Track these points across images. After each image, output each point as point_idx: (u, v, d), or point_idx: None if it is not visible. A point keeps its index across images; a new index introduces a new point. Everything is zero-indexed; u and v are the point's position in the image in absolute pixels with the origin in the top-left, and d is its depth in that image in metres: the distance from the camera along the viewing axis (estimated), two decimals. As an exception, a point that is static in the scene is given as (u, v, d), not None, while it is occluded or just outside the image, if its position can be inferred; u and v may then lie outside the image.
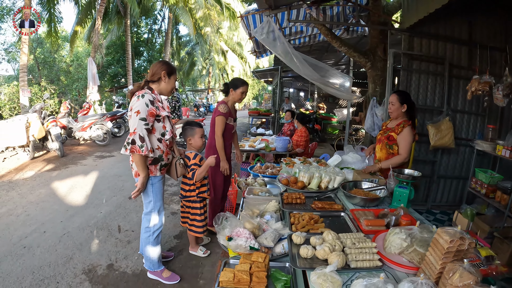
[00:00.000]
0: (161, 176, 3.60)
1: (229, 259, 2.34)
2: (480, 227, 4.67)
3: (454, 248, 1.69)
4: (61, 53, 29.08)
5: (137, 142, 3.16)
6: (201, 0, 24.54)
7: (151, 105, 3.28)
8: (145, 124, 3.22)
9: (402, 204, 2.97)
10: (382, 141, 4.09)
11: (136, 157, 3.24)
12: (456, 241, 1.69)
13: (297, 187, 3.51)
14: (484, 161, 6.15)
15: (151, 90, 3.44)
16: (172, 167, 3.73)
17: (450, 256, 1.71)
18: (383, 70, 6.65)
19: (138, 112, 3.20)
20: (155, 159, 3.43)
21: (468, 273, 1.58)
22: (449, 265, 1.67)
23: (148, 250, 3.66)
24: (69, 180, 7.76)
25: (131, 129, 3.23)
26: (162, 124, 3.45)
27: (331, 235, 2.24)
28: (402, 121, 3.96)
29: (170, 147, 3.66)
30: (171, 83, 3.57)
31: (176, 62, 38.07)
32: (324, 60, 12.90)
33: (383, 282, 1.66)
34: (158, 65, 3.52)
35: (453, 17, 5.94)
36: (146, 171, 3.37)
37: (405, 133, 3.85)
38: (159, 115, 3.40)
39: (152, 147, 3.35)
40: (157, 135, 3.43)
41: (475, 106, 6.16)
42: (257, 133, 9.93)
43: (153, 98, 3.35)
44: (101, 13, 19.08)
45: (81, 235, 4.95)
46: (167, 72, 3.50)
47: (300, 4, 6.24)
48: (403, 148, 3.84)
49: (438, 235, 1.77)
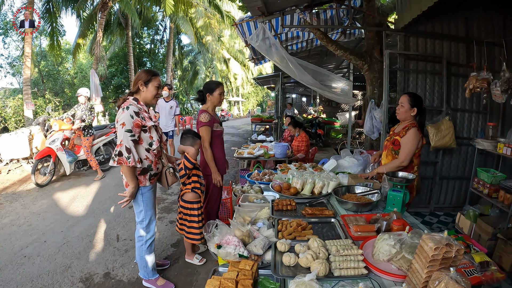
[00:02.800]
0: (151, 186, 3.60)
1: (218, 267, 2.31)
2: (483, 229, 4.57)
3: (440, 256, 1.62)
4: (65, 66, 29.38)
5: (124, 153, 3.18)
6: (201, 9, 24.64)
7: (136, 117, 3.30)
8: (131, 135, 3.25)
9: (395, 208, 2.89)
10: (387, 147, 3.86)
11: (124, 168, 3.26)
12: (442, 248, 1.61)
13: (289, 193, 3.47)
14: (488, 160, 6.07)
15: (136, 101, 3.46)
16: (163, 176, 3.73)
17: (437, 264, 1.63)
18: (380, 72, 6.58)
19: (123, 124, 3.23)
20: (144, 169, 3.46)
21: (455, 282, 1.49)
22: (435, 274, 1.59)
23: (142, 258, 3.69)
24: (71, 190, 7.79)
25: (118, 141, 3.26)
26: (149, 134, 3.46)
27: (317, 242, 2.19)
28: (408, 124, 3.69)
29: (159, 157, 3.66)
30: (150, 91, 3.52)
31: (179, 72, 38.39)
32: (325, 64, 12.87)
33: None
34: (136, 75, 3.54)
35: (449, 14, 5.89)
36: (135, 181, 3.39)
37: (409, 135, 3.58)
38: (145, 125, 3.41)
39: (140, 157, 3.38)
40: (145, 145, 3.45)
41: (476, 104, 6.08)
42: (257, 140, 9.88)
43: (139, 109, 3.37)
44: (102, 25, 19.21)
45: (80, 244, 5.00)
46: (144, 81, 3.48)
47: (293, 9, 6.20)
48: (404, 150, 3.59)
49: (423, 241, 1.69)
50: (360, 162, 4.70)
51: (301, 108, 22.79)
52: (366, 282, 1.87)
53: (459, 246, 1.66)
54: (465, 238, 2.57)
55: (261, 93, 53.18)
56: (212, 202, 4.63)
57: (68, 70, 28.41)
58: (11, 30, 24.44)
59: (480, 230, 4.61)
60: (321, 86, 6.87)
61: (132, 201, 3.51)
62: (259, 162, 7.09)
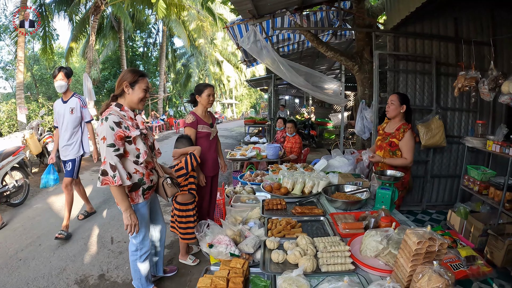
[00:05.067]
0: (145, 202, 3.27)
1: (210, 266, 2.32)
2: (474, 225, 4.61)
3: (423, 250, 1.64)
4: (58, 70, 29.27)
5: (109, 172, 2.83)
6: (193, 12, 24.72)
7: (117, 127, 2.90)
8: (115, 150, 2.88)
9: (384, 206, 2.93)
10: (384, 148, 3.97)
11: (112, 189, 2.92)
12: (424, 242, 1.63)
13: (280, 193, 3.50)
14: (478, 158, 6.15)
15: (120, 107, 3.10)
16: (160, 188, 3.41)
17: (420, 258, 1.66)
18: (370, 73, 6.63)
19: (104, 138, 2.86)
20: (134, 185, 3.10)
21: (438, 275, 1.52)
22: (419, 268, 1.62)
23: (136, 271, 3.52)
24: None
25: (101, 158, 2.95)
26: (134, 146, 3.07)
27: (305, 239, 2.22)
28: (401, 124, 3.87)
29: (151, 168, 3.34)
30: (137, 94, 3.11)
31: (172, 75, 38.37)
32: (317, 66, 12.91)
33: (347, 285, 1.63)
34: (120, 75, 3.15)
35: (438, 14, 5.95)
36: (126, 202, 3.00)
37: (406, 138, 3.78)
38: (129, 136, 3.01)
39: (129, 172, 3.03)
40: (132, 157, 3.09)
41: (465, 102, 6.15)
42: (250, 142, 9.89)
43: (121, 118, 2.98)
44: (95, 29, 19.22)
45: (75, 247, 5.01)
46: (129, 82, 3.07)
47: (284, 11, 6.23)
48: (407, 152, 3.77)
49: (407, 236, 1.72)
50: (351, 162, 4.73)
51: (294, 110, 22.83)
52: (353, 277, 1.91)
53: (442, 240, 1.68)
54: (452, 234, 2.62)
55: (255, 95, 53.16)
56: (203, 202, 4.65)
57: (62, 74, 28.26)
58: (4, 34, 24.35)
59: (471, 227, 4.65)
60: (312, 87, 6.91)
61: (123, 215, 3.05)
62: (252, 164, 7.12)
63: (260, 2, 5.51)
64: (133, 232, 3.07)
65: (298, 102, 24.66)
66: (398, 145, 3.83)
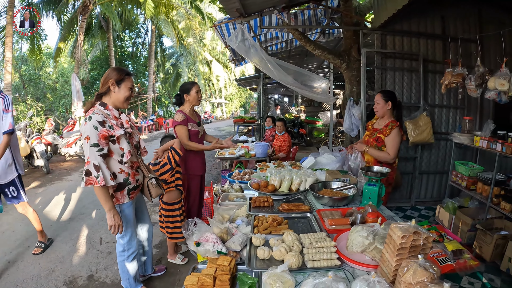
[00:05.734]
0: (130, 202, 3.24)
1: (197, 264, 2.30)
2: (463, 220, 4.65)
3: (408, 244, 1.64)
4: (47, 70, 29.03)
5: (93, 172, 2.80)
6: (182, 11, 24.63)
7: (101, 127, 2.86)
8: (98, 150, 2.85)
9: (371, 201, 2.93)
10: (370, 143, 4.05)
11: (96, 189, 2.87)
12: (409, 236, 1.63)
13: (267, 190, 3.50)
14: (466, 154, 6.22)
15: (104, 106, 3.06)
16: (145, 188, 3.40)
17: (405, 252, 1.66)
18: (358, 71, 6.66)
19: (87, 138, 2.82)
20: (119, 185, 3.08)
21: (423, 269, 1.51)
22: (404, 262, 1.62)
23: (124, 272, 3.49)
24: (55, 196, 7.76)
25: (85, 158, 2.89)
26: (118, 146, 3.04)
27: (291, 236, 2.22)
28: (389, 121, 3.93)
29: (137, 167, 3.32)
30: (123, 93, 3.09)
31: (161, 74, 38.26)
32: (306, 64, 12.93)
33: (331, 280, 1.63)
34: (106, 74, 3.09)
35: (425, 12, 6.00)
36: (110, 203, 2.96)
37: (393, 135, 3.83)
38: (113, 135, 2.97)
39: (114, 172, 3.02)
40: (117, 157, 3.05)
41: (453, 99, 6.20)
42: (239, 141, 9.87)
43: (105, 117, 2.95)
44: (83, 29, 19.06)
45: (64, 248, 4.99)
46: (116, 79, 3.03)
47: (271, 10, 6.22)
48: (390, 148, 3.82)
49: (391, 230, 1.72)
50: (339, 159, 4.72)
51: (284, 109, 22.83)
52: (339, 273, 1.91)
53: (427, 234, 1.68)
54: (439, 228, 2.62)
55: (244, 94, 53.10)
56: (191, 201, 4.64)
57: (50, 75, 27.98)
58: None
59: (460, 222, 4.70)
60: (300, 86, 6.90)
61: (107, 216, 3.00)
62: (240, 163, 7.10)
63: (247, 0, 5.49)
64: (117, 233, 3.06)
65: (287, 101, 24.67)
66: (384, 141, 3.88)
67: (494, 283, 3.80)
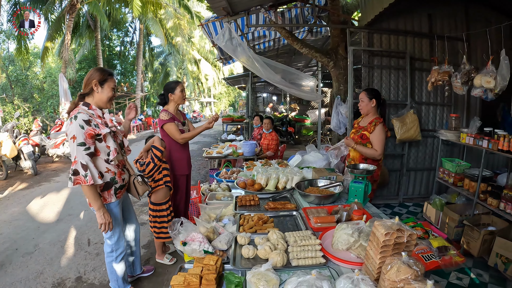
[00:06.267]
0: (117, 201, 3.26)
1: (184, 264, 2.30)
2: (450, 216, 4.69)
3: (391, 241, 1.64)
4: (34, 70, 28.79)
5: (80, 171, 2.80)
6: (170, 10, 24.54)
7: (87, 126, 2.87)
8: (85, 149, 2.85)
9: (357, 199, 2.94)
10: (355, 140, 4.07)
11: (84, 188, 2.88)
12: (392, 233, 1.63)
13: (254, 189, 3.50)
14: (454, 151, 6.28)
15: (88, 106, 3.06)
16: (131, 186, 3.43)
17: (389, 249, 1.66)
18: (345, 69, 6.69)
19: (74, 138, 2.82)
20: (107, 184, 3.10)
21: (407, 266, 1.51)
22: (388, 259, 1.62)
23: (112, 272, 3.48)
24: (42, 197, 7.71)
25: (72, 158, 2.87)
26: (104, 144, 3.06)
27: (276, 234, 2.23)
28: (373, 118, 3.98)
29: (123, 166, 3.35)
30: (106, 93, 3.09)
31: (150, 74, 38.10)
32: (294, 63, 12.97)
33: (314, 279, 1.62)
34: (88, 74, 3.09)
35: (412, 11, 6.04)
36: (99, 201, 2.99)
37: (377, 131, 3.87)
38: (99, 134, 2.99)
39: (101, 171, 3.02)
40: (103, 156, 3.07)
41: (440, 97, 6.25)
42: (227, 140, 9.86)
43: (90, 116, 2.96)
44: (71, 28, 18.91)
45: (52, 250, 4.96)
46: (99, 80, 3.03)
47: (258, 9, 6.21)
48: (377, 145, 3.86)
49: (375, 228, 1.72)
50: (325, 157, 4.74)
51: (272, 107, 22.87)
52: (324, 271, 1.91)
53: (411, 231, 1.68)
54: (424, 225, 2.62)
55: (233, 93, 53.05)
56: (178, 200, 4.62)
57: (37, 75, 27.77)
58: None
59: (447, 218, 4.74)
60: (287, 84, 6.90)
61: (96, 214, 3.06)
62: (229, 161, 7.09)
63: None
64: (107, 230, 3.08)
65: (276, 100, 24.68)
66: (368, 138, 3.92)
67: (482, 278, 3.84)
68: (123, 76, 36.42)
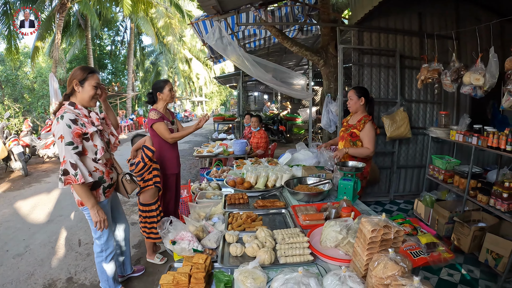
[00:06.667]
0: (106, 200, 3.25)
1: (173, 263, 2.30)
2: (440, 213, 4.73)
3: (378, 238, 1.64)
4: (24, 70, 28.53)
5: (70, 171, 2.80)
6: (161, 9, 24.45)
7: (74, 125, 2.85)
8: (74, 148, 2.84)
9: (346, 196, 2.94)
10: (345, 138, 4.10)
11: (75, 188, 2.91)
12: (379, 230, 1.63)
13: (243, 187, 3.50)
14: (444, 148, 6.32)
15: (73, 105, 3.02)
16: (120, 184, 3.43)
17: (376, 246, 1.66)
18: (336, 67, 6.70)
19: (62, 137, 2.79)
20: (95, 183, 3.08)
21: (394, 263, 1.50)
22: (375, 256, 1.62)
23: (103, 273, 3.46)
24: (33, 198, 7.66)
25: (60, 158, 2.87)
26: (92, 143, 3.04)
27: (264, 232, 2.22)
28: (362, 116, 3.99)
29: (110, 165, 3.34)
30: (87, 91, 3.03)
31: (141, 73, 37.93)
32: (285, 61, 12.98)
33: (301, 276, 1.62)
34: (70, 74, 3.04)
35: (402, 9, 6.07)
36: (92, 199, 2.99)
37: (367, 129, 3.88)
38: (86, 133, 2.96)
39: (89, 170, 2.98)
40: (91, 155, 3.05)
41: (430, 94, 6.28)
42: (218, 138, 9.85)
43: (76, 115, 2.94)
44: (61, 27, 18.74)
45: (43, 251, 4.93)
46: (79, 79, 2.98)
47: (248, 7, 6.20)
48: (368, 143, 3.87)
49: (362, 224, 1.72)
50: (315, 155, 4.72)
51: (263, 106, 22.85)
52: (312, 268, 1.90)
53: (398, 228, 1.68)
54: (413, 221, 2.62)
55: (225, 92, 52.88)
56: (167, 199, 4.61)
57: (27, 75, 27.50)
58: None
59: (437, 215, 4.78)
60: (278, 83, 6.91)
61: (86, 214, 3.14)
62: (220, 160, 7.08)
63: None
64: (103, 228, 3.08)
65: (267, 98, 24.67)
66: (358, 136, 3.94)
67: (473, 274, 3.88)
68: (114, 75, 36.30)
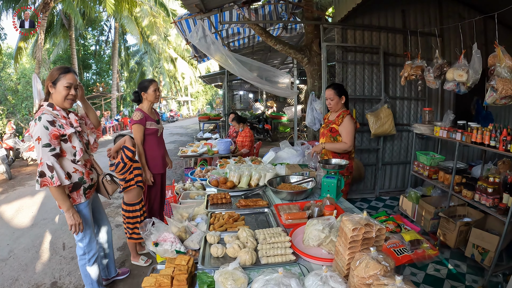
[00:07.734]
0: (87, 202, 3.20)
1: (156, 265, 2.24)
2: (426, 209, 4.76)
3: (359, 237, 1.61)
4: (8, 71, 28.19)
5: (47, 173, 2.76)
6: (146, 8, 24.32)
7: (51, 126, 2.82)
8: (51, 150, 2.81)
9: (329, 194, 2.92)
10: (325, 135, 4.10)
11: (51, 190, 2.84)
12: (360, 228, 1.60)
13: (226, 187, 3.46)
14: (429, 144, 6.40)
15: (52, 106, 2.98)
16: (100, 185, 3.41)
17: (358, 244, 1.63)
18: (320, 65, 6.71)
19: (39, 139, 2.77)
20: (75, 184, 3.03)
21: (376, 262, 1.47)
22: (357, 255, 1.59)
23: (87, 276, 3.41)
24: (17, 202, 7.59)
25: (37, 159, 2.84)
26: (70, 144, 3.00)
27: (245, 232, 2.19)
28: (341, 111, 3.99)
29: (90, 166, 3.29)
30: (59, 92, 2.96)
31: (125, 73, 37.66)
32: (270, 60, 12.98)
33: (282, 276, 1.59)
34: (47, 76, 3.00)
35: (386, 7, 6.10)
36: (68, 202, 2.93)
37: (345, 123, 3.87)
38: (64, 134, 2.93)
39: (68, 171, 2.96)
40: (70, 156, 3.01)
41: (414, 91, 6.33)
42: (202, 138, 9.81)
43: (54, 117, 2.90)
44: (44, 27, 18.56)
45: (27, 256, 4.88)
46: (51, 80, 2.93)
47: (231, 5, 6.17)
48: (346, 136, 3.85)
49: (343, 223, 1.69)
50: (299, 153, 4.73)
51: (249, 105, 22.82)
52: (294, 268, 1.88)
53: (380, 226, 1.66)
54: (396, 218, 2.62)
55: (210, 91, 52.75)
56: (152, 200, 4.58)
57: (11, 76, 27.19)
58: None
59: (423, 210, 4.82)
60: (262, 82, 6.90)
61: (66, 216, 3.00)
62: (204, 160, 7.04)
63: (207, -4, 5.44)
64: (78, 232, 3.02)
65: (252, 97, 24.67)
66: (338, 131, 3.93)
67: (459, 268, 3.92)
68: (99, 75, 36.03)
